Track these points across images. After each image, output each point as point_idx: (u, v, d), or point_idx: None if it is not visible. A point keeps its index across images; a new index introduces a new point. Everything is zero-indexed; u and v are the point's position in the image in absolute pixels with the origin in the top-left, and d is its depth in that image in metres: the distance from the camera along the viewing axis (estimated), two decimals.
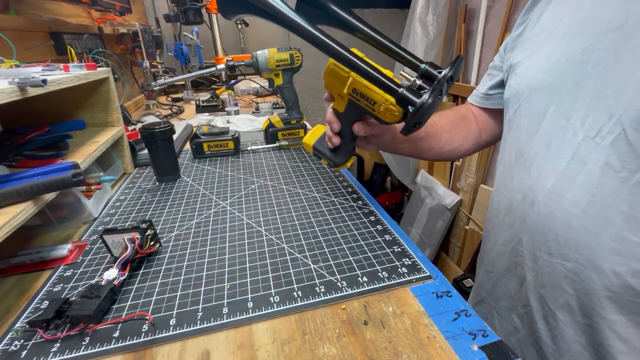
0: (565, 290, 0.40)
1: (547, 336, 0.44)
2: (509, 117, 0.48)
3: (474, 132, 0.60)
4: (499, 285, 0.51)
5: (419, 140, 0.54)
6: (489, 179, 1.55)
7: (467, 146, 0.59)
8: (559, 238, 0.39)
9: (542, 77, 0.42)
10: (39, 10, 0.93)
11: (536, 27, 0.46)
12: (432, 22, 1.64)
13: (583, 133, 0.37)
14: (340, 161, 0.51)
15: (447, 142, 0.57)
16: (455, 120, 0.59)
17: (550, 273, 0.41)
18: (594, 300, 0.38)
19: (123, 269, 0.41)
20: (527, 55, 0.46)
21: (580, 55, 0.38)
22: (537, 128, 0.42)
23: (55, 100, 0.67)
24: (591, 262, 0.37)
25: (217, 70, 1.26)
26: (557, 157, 0.39)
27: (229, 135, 0.84)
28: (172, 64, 1.71)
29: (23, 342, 0.34)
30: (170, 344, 0.34)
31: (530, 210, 0.42)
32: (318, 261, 0.45)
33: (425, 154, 0.57)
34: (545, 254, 0.41)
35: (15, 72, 0.51)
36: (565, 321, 0.41)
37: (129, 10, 1.34)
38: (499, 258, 0.50)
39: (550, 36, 0.43)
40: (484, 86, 0.58)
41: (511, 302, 0.49)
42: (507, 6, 1.33)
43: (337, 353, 0.33)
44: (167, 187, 0.68)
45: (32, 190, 0.42)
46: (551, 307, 0.42)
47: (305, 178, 0.71)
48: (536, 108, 0.42)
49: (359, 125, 0.45)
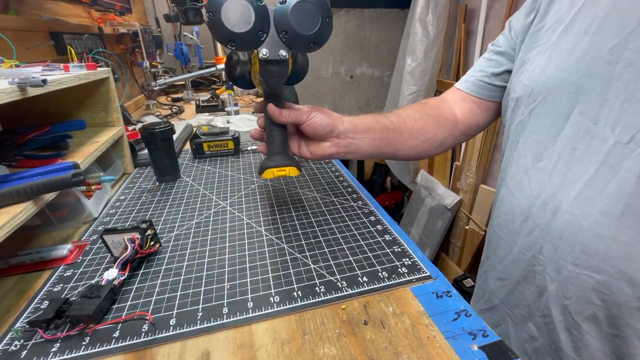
0: (592, 302, 0.38)
1: (569, 347, 0.42)
2: (522, 117, 0.45)
3: (448, 124, 0.55)
4: (515, 293, 0.49)
5: (385, 131, 0.50)
6: (489, 179, 1.55)
7: (442, 136, 0.55)
8: (586, 249, 0.37)
9: (563, 76, 0.39)
10: (39, 10, 0.93)
11: (547, 17, 0.43)
12: (432, 22, 1.64)
13: (614, 138, 0.35)
14: (266, 164, 0.45)
15: (420, 132, 0.53)
16: (424, 109, 0.55)
17: (576, 285, 0.39)
18: (624, 311, 0.36)
19: (123, 269, 0.41)
20: (540, 50, 0.43)
21: (607, 54, 0.35)
22: (558, 131, 0.40)
23: (55, 100, 0.67)
24: (624, 274, 0.35)
25: (217, 70, 1.26)
26: (584, 163, 0.37)
27: (229, 135, 0.84)
28: (172, 64, 1.71)
29: (23, 342, 0.34)
30: (170, 344, 0.34)
31: (553, 218, 0.40)
32: (318, 261, 0.45)
33: (401, 149, 0.53)
34: (571, 264, 0.39)
35: (15, 72, 0.51)
36: (590, 332, 0.40)
37: (129, 10, 1.34)
38: (514, 265, 0.48)
39: (567, 30, 0.40)
40: (483, 72, 0.53)
41: (528, 311, 0.47)
42: (507, 6, 1.33)
43: (337, 353, 0.33)
44: (167, 187, 0.68)
45: (32, 190, 0.42)
46: (576, 318, 0.40)
47: (305, 178, 0.71)
48: (557, 109, 0.40)
49: (270, 106, 0.44)
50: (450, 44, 1.72)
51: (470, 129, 0.57)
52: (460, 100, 0.56)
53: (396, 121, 0.52)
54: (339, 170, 0.74)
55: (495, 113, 0.56)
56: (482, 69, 0.54)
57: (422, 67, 1.69)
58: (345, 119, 0.49)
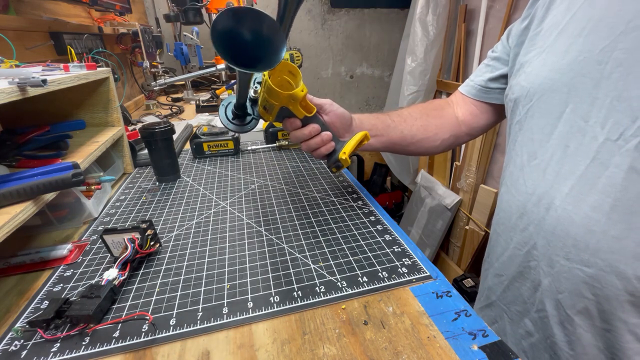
0: (584, 296, 0.39)
1: (563, 341, 0.43)
2: (519, 117, 0.46)
3: (450, 122, 0.59)
4: (511, 289, 0.50)
5: (387, 128, 0.54)
6: (489, 179, 1.55)
7: (443, 135, 0.58)
8: (578, 243, 0.38)
9: (556, 76, 0.41)
10: (39, 10, 0.93)
11: (544, 22, 0.45)
12: (432, 22, 1.64)
13: (604, 135, 0.36)
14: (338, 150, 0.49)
15: (420, 130, 0.57)
16: (426, 109, 0.59)
17: (568, 279, 0.40)
18: (615, 305, 0.37)
19: (123, 269, 0.41)
20: (537, 52, 0.44)
21: (598, 54, 0.36)
22: (552, 129, 0.41)
23: (55, 100, 0.67)
24: (613, 267, 0.36)
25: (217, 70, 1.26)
26: (575, 159, 0.38)
27: (229, 135, 0.84)
28: (172, 64, 1.71)
29: (23, 342, 0.34)
30: (170, 344, 0.34)
31: (546, 213, 0.41)
32: (318, 261, 0.45)
33: (405, 147, 0.57)
34: (564, 259, 0.40)
35: (15, 72, 0.51)
36: (583, 326, 0.40)
37: (129, 10, 1.34)
38: (510, 261, 0.49)
39: (562, 33, 0.41)
40: (481, 77, 0.56)
41: (523, 307, 0.48)
42: (507, 6, 1.33)
43: (337, 353, 0.33)
44: (167, 187, 0.68)
45: (32, 190, 0.42)
46: (569, 312, 0.41)
47: (305, 178, 0.71)
48: (551, 109, 0.41)
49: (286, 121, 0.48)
50: (450, 44, 1.72)
51: (473, 129, 0.60)
52: (462, 103, 0.60)
53: (397, 120, 0.56)
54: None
55: (494, 115, 0.59)
56: (481, 74, 0.58)
57: (422, 67, 1.69)
58: (353, 115, 0.54)
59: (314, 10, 2.11)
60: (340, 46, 2.24)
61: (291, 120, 0.47)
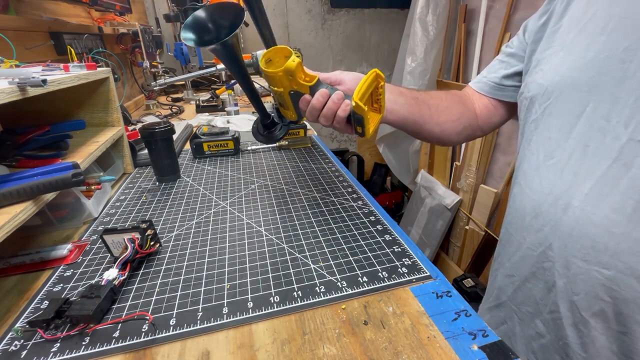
0: (600, 298, 0.38)
1: (576, 343, 0.42)
2: (535, 116, 0.45)
3: (470, 112, 0.57)
4: (522, 289, 0.49)
5: (415, 99, 0.52)
6: (489, 179, 1.55)
7: (464, 123, 0.56)
8: (597, 244, 0.37)
9: (576, 75, 0.40)
10: (39, 10, 0.93)
11: (563, 19, 0.44)
12: (432, 22, 1.64)
13: (627, 136, 0.35)
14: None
15: (445, 112, 0.54)
16: (451, 96, 0.57)
17: (585, 280, 0.39)
18: (632, 308, 0.36)
19: (123, 269, 0.41)
20: (555, 50, 0.43)
21: (622, 53, 0.36)
22: (571, 128, 0.40)
23: (55, 100, 0.67)
24: (633, 270, 0.35)
25: (217, 70, 1.26)
26: (596, 160, 0.37)
27: (229, 135, 0.84)
28: (172, 64, 1.71)
29: (23, 342, 0.34)
30: (170, 344, 0.34)
31: (564, 214, 0.40)
32: (318, 261, 0.45)
33: (428, 122, 0.53)
34: (581, 260, 0.39)
35: (15, 72, 0.51)
36: (598, 328, 0.40)
37: (129, 10, 1.34)
38: (523, 262, 0.48)
39: (582, 31, 0.40)
40: (495, 74, 0.55)
41: (535, 308, 0.47)
42: (507, 6, 1.33)
43: (337, 353, 0.33)
44: (167, 187, 0.68)
45: (32, 190, 0.42)
46: (584, 314, 0.40)
47: (305, 178, 0.71)
48: (570, 107, 0.40)
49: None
50: (450, 44, 1.72)
51: (486, 125, 0.59)
52: (477, 97, 0.58)
53: (424, 95, 0.54)
54: (339, 170, 0.74)
55: (507, 113, 0.58)
56: (494, 70, 0.55)
57: (422, 67, 1.69)
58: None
59: (314, 10, 2.11)
60: (340, 46, 2.24)
61: (302, 100, 0.45)
